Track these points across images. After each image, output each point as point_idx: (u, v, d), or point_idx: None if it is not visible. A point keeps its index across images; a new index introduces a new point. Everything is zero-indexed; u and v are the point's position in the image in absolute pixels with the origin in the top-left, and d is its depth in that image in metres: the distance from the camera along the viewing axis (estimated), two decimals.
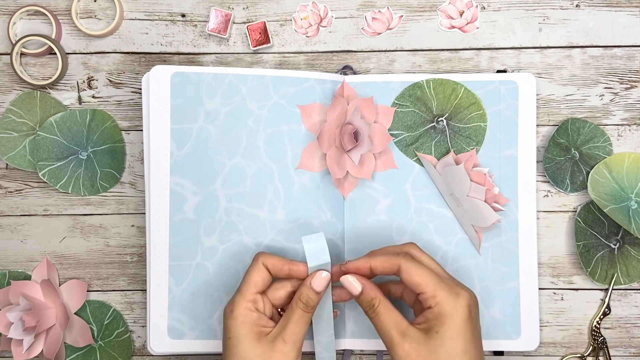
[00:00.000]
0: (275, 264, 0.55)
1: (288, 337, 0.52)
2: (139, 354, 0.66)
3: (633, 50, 0.65)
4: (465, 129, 0.63)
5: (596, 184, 0.63)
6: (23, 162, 0.64)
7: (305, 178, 0.62)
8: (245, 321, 0.53)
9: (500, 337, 0.63)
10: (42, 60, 0.66)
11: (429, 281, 0.52)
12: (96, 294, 0.66)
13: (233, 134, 0.62)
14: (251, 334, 0.52)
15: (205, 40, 0.66)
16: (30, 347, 0.62)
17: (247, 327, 0.52)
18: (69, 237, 0.66)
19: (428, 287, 0.51)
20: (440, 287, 0.51)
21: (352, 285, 0.53)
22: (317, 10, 0.65)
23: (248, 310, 0.53)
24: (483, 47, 0.65)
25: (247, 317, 0.53)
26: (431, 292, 0.51)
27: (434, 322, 0.51)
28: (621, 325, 0.65)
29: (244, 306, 0.53)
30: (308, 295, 0.53)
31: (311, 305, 0.53)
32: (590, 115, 0.65)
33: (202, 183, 0.62)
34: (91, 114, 0.65)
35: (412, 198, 0.63)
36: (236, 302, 0.53)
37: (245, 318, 0.53)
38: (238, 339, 0.52)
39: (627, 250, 0.64)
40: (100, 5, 0.66)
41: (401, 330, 0.51)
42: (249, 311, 0.53)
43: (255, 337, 0.52)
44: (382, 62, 0.66)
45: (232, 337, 0.53)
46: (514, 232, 0.63)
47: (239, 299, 0.53)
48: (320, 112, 0.62)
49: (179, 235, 0.62)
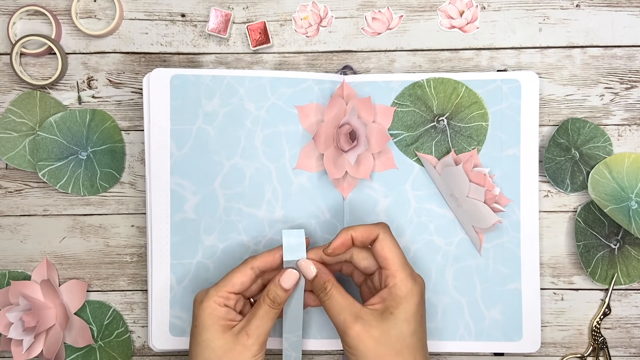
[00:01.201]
0: (265, 259, 0.55)
1: (252, 331, 0.53)
2: (139, 354, 0.66)
3: (633, 50, 0.65)
4: (466, 128, 0.63)
5: (596, 184, 0.63)
6: (23, 162, 0.65)
7: (303, 178, 0.62)
8: (213, 314, 0.54)
9: (501, 338, 0.62)
10: (42, 60, 0.66)
11: (396, 260, 0.54)
12: (96, 294, 0.66)
13: (231, 135, 0.62)
14: (216, 325, 0.53)
15: (205, 40, 0.66)
16: (30, 347, 0.62)
17: (214, 319, 0.54)
18: (69, 237, 0.66)
19: (393, 266, 0.53)
20: (403, 268, 0.53)
21: (308, 268, 0.54)
22: (317, 10, 0.65)
23: (216, 304, 0.54)
24: (483, 47, 0.65)
25: (215, 310, 0.54)
26: (393, 272, 0.53)
27: (389, 302, 0.53)
28: (621, 326, 0.65)
29: (214, 300, 0.54)
30: (276, 292, 0.54)
31: (278, 302, 0.54)
32: (590, 115, 0.65)
33: (202, 183, 0.62)
34: (91, 114, 0.65)
35: (412, 198, 0.63)
36: (208, 294, 0.54)
37: (212, 311, 0.54)
38: (203, 328, 0.53)
39: (628, 251, 0.64)
40: (100, 5, 0.66)
41: (353, 312, 0.53)
42: (217, 305, 0.54)
43: (220, 329, 0.53)
44: (382, 62, 0.65)
45: (197, 326, 0.54)
46: (516, 232, 0.62)
47: (212, 293, 0.54)
48: (318, 112, 0.62)
49: (180, 234, 0.62)
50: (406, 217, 0.63)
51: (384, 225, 0.55)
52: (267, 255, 0.56)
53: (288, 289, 0.54)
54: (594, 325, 0.65)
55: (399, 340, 0.52)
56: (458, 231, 0.63)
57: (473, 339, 0.63)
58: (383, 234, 0.54)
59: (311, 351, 0.66)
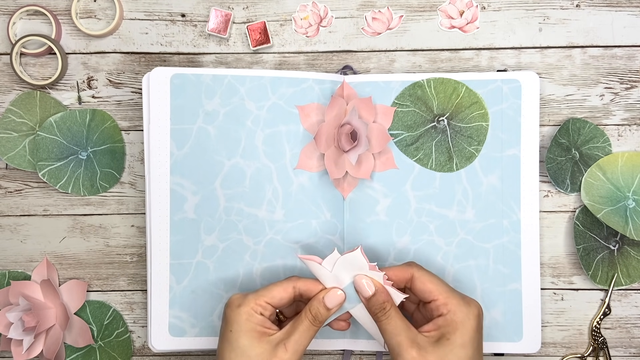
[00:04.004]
0: (309, 286, 0.55)
1: (290, 346, 0.52)
2: (139, 354, 0.66)
3: (633, 50, 0.65)
4: (466, 128, 0.63)
5: (590, 187, 0.63)
6: (23, 162, 0.64)
7: (303, 178, 0.62)
8: (250, 319, 0.53)
9: (502, 339, 0.62)
10: (42, 60, 0.66)
11: (441, 289, 0.53)
12: (96, 294, 0.66)
13: (232, 135, 0.62)
14: (253, 332, 0.52)
15: (205, 40, 0.66)
16: (30, 347, 0.62)
17: (251, 325, 0.53)
18: (69, 237, 0.66)
19: (440, 295, 0.53)
20: (452, 295, 0.53)
21: (365, 286, 0.53)
22: (317, 10, 0.65)
23: (254, 311, 0.53)
24: (483, 47, 0.65)
25: (252, 317, 0.53)
26: (443, 300, 0.53)
27: (445, 328, 0.52)
28: (621, 326, 0.65)
29: (252, 307, 0.53)
30: (318, 309, 0.53)
31: (320, 319, 0.53)
32: (590, 115, 0.65)
33: (202, 183, 0.62)
34: (91, 114, 0.65)
35: (412, 198, 0.63)
36: (247, 299, 0.53)
37: (250, 317, 0.53)
38: (240, 334, 0.52)
39: (627, 251, 0.64)
40: (100, 5, 0.66)
41: (410, 336, 0.52)
42: (254, 312, 0.53)
43: (256, 336, 0.52)
44: (382, 62, 0.65)
45: (233, 331, 0.53)
46: (516, 233, 0.62)
47: (251, 299, 0.53)
48: (319, 112, 0.62)
49: (180, 234, 0.62)
50: (406, 217, 0.63)
51: (415, 264, 0.55)
52: (312, 282, 0.55)
53: (331, 309, 0.54)
54: (594, 325, 0.65)
55: None
56: (458, 231, 0.63)
57: None
58: (417, 271, 0.54)
59: (311, 351, 0.66)
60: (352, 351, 0.65)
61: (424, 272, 0.54)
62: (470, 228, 0.63)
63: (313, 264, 0.54)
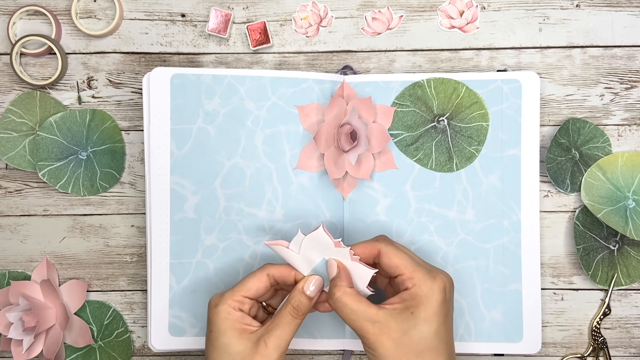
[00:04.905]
0: (282, 271, 0.54)
1: (271, 341, 0.51)
2: (139, 354, 0.66)
3: (633, 50, 0.65)
4: (466, 128, 0.63)
5: (590, 187, 0.63)
6: (23, 162, 0.64)
7: (303, 178, 0.62)
8: (228, 317, 0.52)
9: (502, 339, 0.62)
10: (41, 60, 0.66)
11: (407, 263, 0.52)
12: (96, 294, 0.66)
13: (232, 135, 0.62)
14: (232, 330, 0.52)
15: (205, 40, 0.66)
16: (30, 347, 0.62)
17: (229, 322, 0.52)
18: (69, 237, 0.66)
19: (406, 269, 0.52)
20: (418, 269, 0.52)
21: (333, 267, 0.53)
22: (317, 10, 0.65)
23: (231, 308, 0.53)
24: (483, 47, 0.65)
25: (230, 314, 0.52)
26: (409, 274, 0.52)
27: (409, 302, 0.51)
28: (621, 326, 0.65)
29: (229, 304, 0.53)
30: (300, 300, 0.52)
31: (302, 310, 0.52)
32: (590, 115, 0.65)
33: (202, 183, 0.62)
34: (91, 114, 0.65)
35: (412, 198, 0.63)
36: (224, 297, 0.53)
37: (227, 314, 0.52)
38: (219, 333, 0.52)
39: (627, 251, 0.64)
40: (100, 5, 0.66)
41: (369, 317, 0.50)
42: (231, 309, 0.53)
43: (236, 334, 0.52)
44: (382, 62, 0.65)
45: (213, 331, 0.53)
46: (517, 233, 0.62)
47: (227, 296, 0.53)
48: (318, 112, 0.62)
49: (180, 233, 0.62)
50: (406, 217, 0.63)
51: (383, 238, 0.55)
52: (285, 268, 0.54)
53: (312, 297, 0.53)
54: (594, 326, 0.65)
55: (420, 341, 0.50)
56: (458, 232, 0.63)
57: (473, 340, 0.62)
58: (384, 246, 0.53)
59: (311, 351, 0.66)
60: (352, 351, 0.65)
61: (392, 246, 0.53)
62: (470, 228, 0.63)
63: (281, 249, 0.53)
